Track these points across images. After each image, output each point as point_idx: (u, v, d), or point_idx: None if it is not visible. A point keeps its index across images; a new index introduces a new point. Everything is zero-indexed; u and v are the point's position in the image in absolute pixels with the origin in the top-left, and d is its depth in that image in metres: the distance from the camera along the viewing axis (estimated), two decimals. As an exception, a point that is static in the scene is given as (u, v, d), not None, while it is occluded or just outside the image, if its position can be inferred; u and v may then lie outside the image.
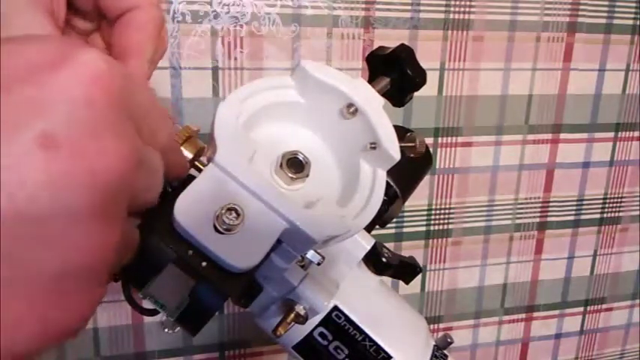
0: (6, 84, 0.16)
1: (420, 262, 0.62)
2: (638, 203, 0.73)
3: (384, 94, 0.30)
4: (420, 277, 0.67)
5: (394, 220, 0.62)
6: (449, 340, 0.37)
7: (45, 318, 0.18)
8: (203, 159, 0.27)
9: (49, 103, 0.17)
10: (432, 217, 0.65)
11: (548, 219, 0.70)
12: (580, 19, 0.63)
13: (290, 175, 0.26)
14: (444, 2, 0.58)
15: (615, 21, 0.64)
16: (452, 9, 0.59)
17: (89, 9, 0.28)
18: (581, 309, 0.76)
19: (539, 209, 0.69)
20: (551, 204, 0.69)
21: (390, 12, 0.57)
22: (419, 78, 0.32)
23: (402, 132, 0.31)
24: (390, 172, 0.28)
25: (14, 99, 0.16)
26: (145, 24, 0.27)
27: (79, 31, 0.29)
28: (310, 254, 0.27)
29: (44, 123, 0.17)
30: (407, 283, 0.38)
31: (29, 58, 0.17)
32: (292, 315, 0.30)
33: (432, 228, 0.65)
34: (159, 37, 0.28)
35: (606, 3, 0.63)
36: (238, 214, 0.22)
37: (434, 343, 0.36)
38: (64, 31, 0.27)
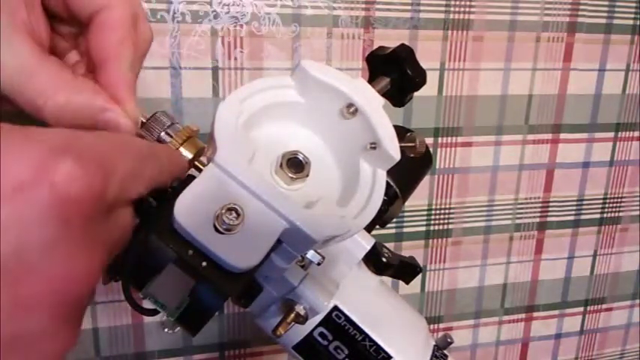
0: None
1: (420, 262, 0.62)
2: (638, 203, 0.73)
3: (384, 94, 0.30)
4: (420, 277, 0.67)
5: (394, 220, 0.62)
6: (449, 340, 0.37)
7: None
8: (203, 159, 0.27)
9: (25, 225, 0.17)
10: (432, 217, 0.65)
11: (548, 219, 0.70)
12: (580, 19, 0.63)
13: (290, 175, 0.26)
14: (444, 2, 0.58)
15: (615, 21, 0.64)
16: (452, 9, 0.59)
17: (65, 15, 0.27)
18: (581, 309, 0.76)
19: (539, 209, 0.69)
20: (551, 204, 0.69)
21: (390, 12, 0.57)
22: (419, 78, 0.32)
23: (402, 132, 0.31)
24: (390, 172, 0.28)
25: None
26: (117, 24, 0.26)
27: (66, 36, 0.29)
28: (310, 254, 0.27)
29: (20, 243, 0.16)
30: (407, 283, 0.38)
31: (7, 174, 0.17)
32: (292, 315, 0.30)
33: (432, 228, 0.65)
34: (135, 33, 0.26)
35: (606, 3, 0.63)
36: (238, 214, 0.22)
37: (434, 343, 0.36)
38: (52, 40, 0.27)
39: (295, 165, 0.26)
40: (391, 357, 0.33)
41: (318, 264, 0.27)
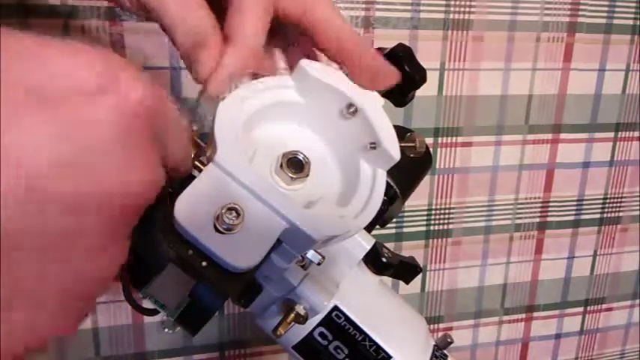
0: (52, 101, 0.17)
1: (420, 262, 0.62)
2: (638, 203, 0.73)
3: (385, 94, 0.30)
4: (420, 277, 0.67)
5: (394, 220, 0.62)
6: (449, 340, 0.37)
7: (41, 330, 0.18)
8: (203, 159, 0.27)
9: (91, 126, 0.17)
10: (432, 217, 0.65)
11: (548, 219, 0.70)
12: (580, 19, 0.63)
13: (290, 175, 0.26)
14: (444, 2, 0.58)
15: (615, 21, 0.64)
16: (452, 9, 0.59)
17: None
18: (581, 309, 0.76)
19: (539, 209, 0.69)
20: (551, 204, 0.69)
21: (390, 12, 0.57)
22: (418, 75, 0.32)
23: (402, 132, 0.31)
24: (390, 172, 0.28)
25: (59, 116, 0.17)
26: None
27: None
28: (310, 254, 0.27)
29: (84, 144, 0.17)
30: (407, 283, 0.38)
31: (76, 78, 0.17)
32: (292, 315, 0.30)
33: (432, 228, 0.65)
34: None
35: (606, 3, 0.63)
36: (238, 214, 0.22)
37: (434, 343, 0.36)
38: None
39: (295, 165, 0.26)
40: (391, 357, 0.33)
41: (318, 264, 0.27)
